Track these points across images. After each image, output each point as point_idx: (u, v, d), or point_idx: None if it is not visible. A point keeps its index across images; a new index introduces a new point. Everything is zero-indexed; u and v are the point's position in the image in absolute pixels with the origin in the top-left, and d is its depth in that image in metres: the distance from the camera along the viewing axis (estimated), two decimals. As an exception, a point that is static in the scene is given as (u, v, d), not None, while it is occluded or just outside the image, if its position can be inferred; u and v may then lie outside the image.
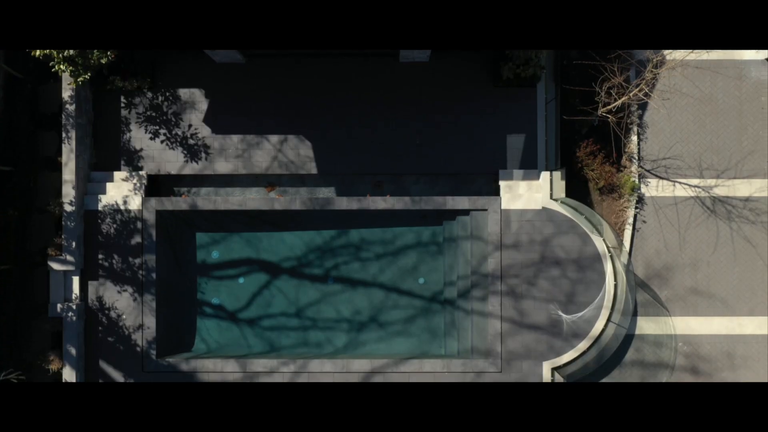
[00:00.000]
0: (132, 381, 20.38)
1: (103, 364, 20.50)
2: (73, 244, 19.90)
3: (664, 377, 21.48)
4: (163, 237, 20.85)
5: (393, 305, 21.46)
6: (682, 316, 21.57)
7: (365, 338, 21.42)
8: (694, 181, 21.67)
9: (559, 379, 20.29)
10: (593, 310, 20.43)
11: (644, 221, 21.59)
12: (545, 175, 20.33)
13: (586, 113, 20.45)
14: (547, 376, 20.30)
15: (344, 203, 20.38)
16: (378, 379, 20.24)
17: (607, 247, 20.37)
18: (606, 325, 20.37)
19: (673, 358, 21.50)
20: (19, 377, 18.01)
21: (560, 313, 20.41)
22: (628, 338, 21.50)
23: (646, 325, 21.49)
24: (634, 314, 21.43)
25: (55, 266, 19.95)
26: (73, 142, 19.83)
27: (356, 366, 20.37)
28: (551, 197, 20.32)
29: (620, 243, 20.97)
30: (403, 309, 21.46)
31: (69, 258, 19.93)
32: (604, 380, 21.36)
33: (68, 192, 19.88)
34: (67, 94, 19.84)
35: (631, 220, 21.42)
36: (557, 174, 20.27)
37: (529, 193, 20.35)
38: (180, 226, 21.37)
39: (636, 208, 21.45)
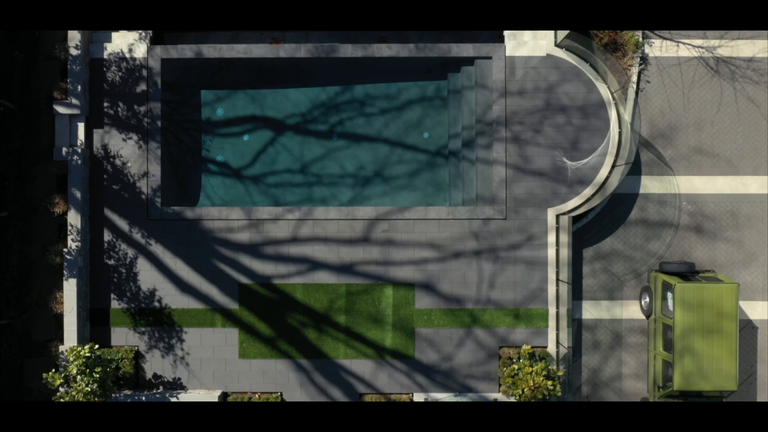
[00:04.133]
0: (137, 229, 20.39)
1: (108, 212, 20.50)
2: (79, 87, 19.92)
3: (668, 236, 21.48)
4: (168, 91, 20.87)
5: (397, 160, 21.48)
6: (686, 175, 21.58)
7: (370, 193, 21.43)
8: (698, 42, 21.71)
9: (563, 224, 20.28)
10: (598, 157, 20.46)
11: (648, 81, 21.62)
12: (550, 23, 20.35)
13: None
14: (551, 223, 20.31)
15: (349, 51, 20.42)
16: (382, 225, 20.26)
17: (612, 94, 20.42)
18: (611, 172, 20.39)
19: (677, 216, 21.50)
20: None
21: (565, 160, 20.44)
22: (632, 197, 21.51)
23: (650, 184, 21.50)
24: (638, 173, 21.44)
25: (61, 110, 19.96)
26: (79, -14, 19.85)
27: (361, 213, 20.39)
28: (556, 44, 20.37)
29: (627, 82, 20.93)
30: (407, 163, 21.48)
31: (74, 101, 19.95)
32: (608, 239, 21.35)
33: (74, 36, 19.91)
34: (73, -61, 19.88)
35: (635, 78, 21.44)
36: (562, 21, 20.27)
37: (534, 41, 20.41)
38: (184, 82, 21.39)
39: (640, 65, 21.49)
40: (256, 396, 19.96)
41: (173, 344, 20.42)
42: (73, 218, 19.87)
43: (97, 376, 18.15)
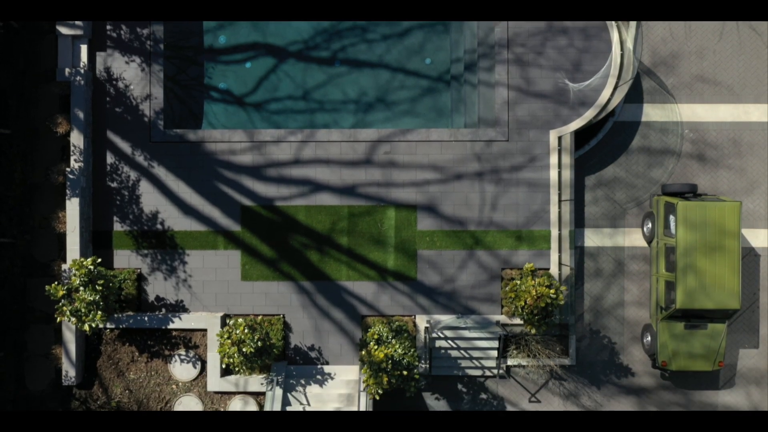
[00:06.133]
0: (139, 152, 20.42)
1: (111, 135, 20.53)
2: (82, 8, 19.96)
3: (671, 164, 21.47)
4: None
5: (399, 86, 21.50)
6: (688, 103, 21.58)
7: (372, 119, 21.45)
8: (700, -30, 21.71)
9: (566, 146, 20.27)
10: (600, 79, 20.47)
11: (650, 10, 21.62)
12: (551, -55, 20.39)
13: None
14: (553, 145, 20.32)
15: (351, -27, 20.44)
16: (384, 147, 20.27)
17: (614, 15, 20.43)
18: (613, 94, 20.40)
19: (680, 144, 21.51)
20: None
21: (567, 81, 20.45)
22: (635, 125, 21.52)
23: (652, 112, 21.51)
24: (640, 101, 21.45)
25: (64, 31, 19.99)
26: None
27: (363, 135, 20.40)
28: (558, -34, 20.38)
29: None
30: (409, 89, 21.50)
31: (77, 23, 19.97)
32: (610, 167, 21.34)
33: (77, -43, 19.96)
34: None
35: (636, 6, 21.46)
36: (563, -57, 20.32)
37: (536, -37, 20.42)
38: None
39: (642, -7, 21.51)
40: (259, 318, 19.93)
41: (176, 266, 20.43)
42: (76, 138, 19.90)
43: (100, 288, 18.15)
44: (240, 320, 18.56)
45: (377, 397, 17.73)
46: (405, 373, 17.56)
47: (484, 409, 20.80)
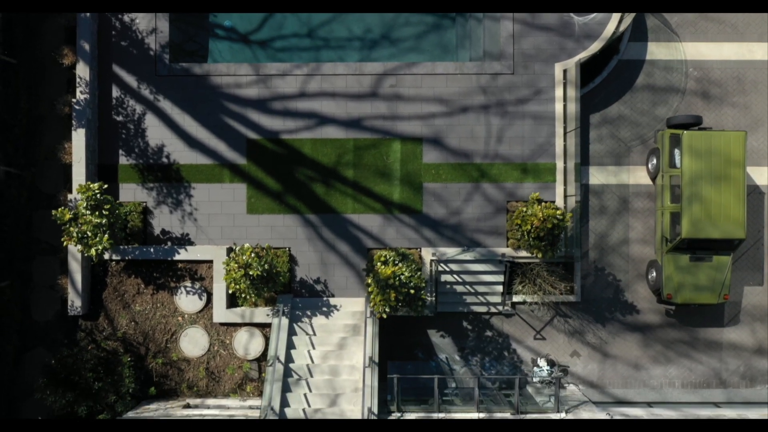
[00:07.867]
0: (145, 86, 20.42)
1: (117, 69, 20.53)
2: (88, -59, 19.98)
3: (675, 101, 21.52)
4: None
5: (404, 23, 21.51)
6: (692, 42, 21.63)
7: (377, 56, 21.45)
8: None
9: (571, 78, 20.29)
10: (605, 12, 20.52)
11: (654, -51, 21.68)
12: None
13: None
14: (559, 77, 20.35)
15: None
16: (390, 80, 20.30)
17: (619, -51, 20.48)
18: (618, 26, 20.45)
19: (684, 82, 21.55)
20: None
21: (572, 15, 20.48)
22: (639, 63, 21.57)
23: (656, 50, 21.55)
24: (645, 39, 21.50)
25: (70, -37, 20.03)
26: None
27: (369, 68, 20.43)
28: None
29: None
30: (414, 26, 21.51)
31: (83, -45, 20.00)
32: (615, 104, 21.36)
33: None
34: None
35: (641, -56, 21.52)
36: None
37: None
38: None
39: (646, -69, 21.57)
40: (266, 245, 19.86)
41: (181, 200, 20.43)
42: (82, 70, 19.90)
43: (106, 213, 18.14)
44: (247, 245, 18.56)
45: (384, 316, 17.73)
46: (412, 291, 17.55)
47: (489, 347, 20.82)
